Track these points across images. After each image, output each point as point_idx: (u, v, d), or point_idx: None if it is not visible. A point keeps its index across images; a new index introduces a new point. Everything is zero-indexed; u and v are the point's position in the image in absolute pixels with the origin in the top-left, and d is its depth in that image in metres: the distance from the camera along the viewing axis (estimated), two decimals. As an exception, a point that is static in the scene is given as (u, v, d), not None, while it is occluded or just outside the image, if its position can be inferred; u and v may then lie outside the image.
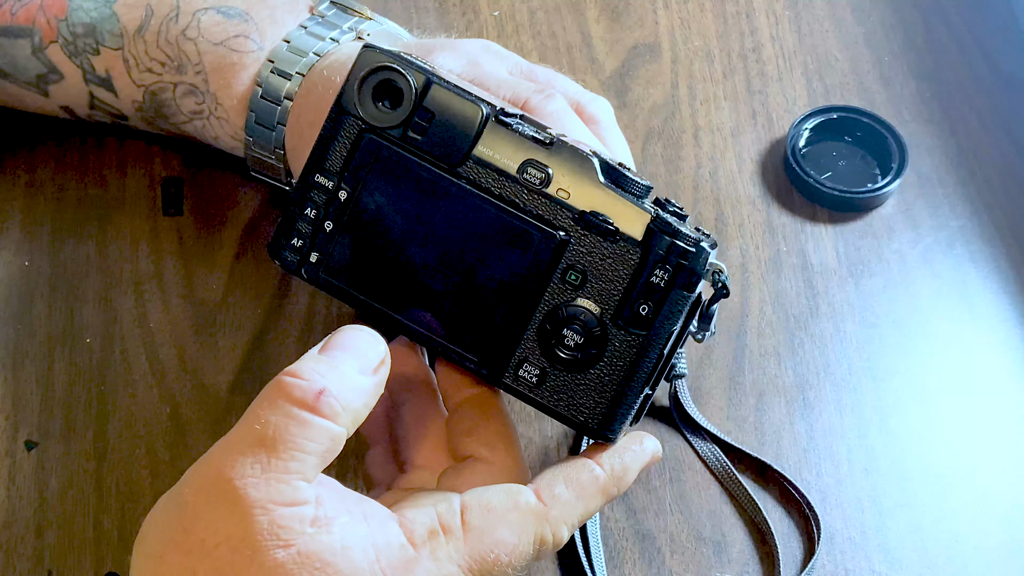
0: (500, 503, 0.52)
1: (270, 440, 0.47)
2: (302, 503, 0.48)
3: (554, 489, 0.53)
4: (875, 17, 0.82)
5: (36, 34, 0.67)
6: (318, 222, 0.55)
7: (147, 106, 0.68)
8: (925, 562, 0.63)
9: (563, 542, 0.53)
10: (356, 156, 0.55)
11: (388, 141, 0.54)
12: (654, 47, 0.80)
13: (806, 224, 0.73)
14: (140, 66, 0.67)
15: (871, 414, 0.67)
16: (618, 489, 0.54)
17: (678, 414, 0.66)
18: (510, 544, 0.51)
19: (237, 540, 0.46)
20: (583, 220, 0.53)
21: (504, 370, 0.55)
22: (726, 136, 0.76)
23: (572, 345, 0.54)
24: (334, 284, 0.56)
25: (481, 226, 0.54)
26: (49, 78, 0.68)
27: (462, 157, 0.54)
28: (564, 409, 0.54)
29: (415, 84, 0.54)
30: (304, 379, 0.48)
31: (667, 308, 0.53)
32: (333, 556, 0.47)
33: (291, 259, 0.56)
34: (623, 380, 0.54)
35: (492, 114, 0.54)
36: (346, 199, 0.55)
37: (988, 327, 0.70)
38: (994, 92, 0.79)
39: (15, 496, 0.63)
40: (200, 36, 0.66)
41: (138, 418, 0.65)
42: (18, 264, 0.70)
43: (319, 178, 0.55)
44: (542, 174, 0.54)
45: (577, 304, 0.54)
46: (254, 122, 0.65)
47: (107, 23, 0.67)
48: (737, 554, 0.63)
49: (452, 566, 0.49)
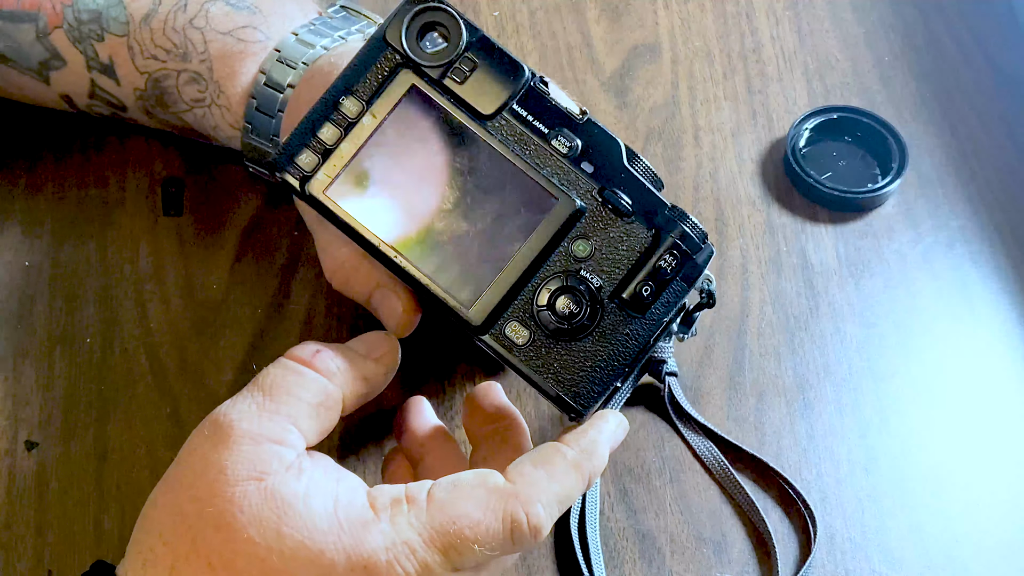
0: (467, 481, 0.52)
1: (267, 386, 0.53)
2: (287, 445, 0.51)
3: (521, 469, 0.53)
4: (875, 17, 0.82)
5: (41, 19, 0.68)
6: (335, 143, 0.56)
7: (148, 94, 0.68)
8: (925, 562, 0.63)
9: (541, 524, 0.52)
10: (388, 87, 0.55)
11: (426, 79, 0.55)
12: (654, 47, 0.80)
13: (806, 224, 0.73)
14: (144, 53, 0.67)
15: (871, 414, 0.67)
16: (591, 465, 0.54)
17: (675, 411, 0.66)
18: (474, 518, 0.51)
19: (218, 469, 0.50)
20: (602, 195, 0.55)
21: (491, 326, 0.55)
22: (726, 136, 0.76)
23: (566, 313, 0.54)
24: (337, 207, 0.56)
25: (501, 180, 0.55)
26: (51, 64, 0.69)
27: (496, 111, 0.55)
28: (541, 376, 0.55)
29: (466, 32, 0.55)
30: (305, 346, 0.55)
31: (667, 295, 0.54)
32: (294, 498, 0.50)
33: (296, 175, 0.56)
34: (607, 358, 0.54)
35: (532, 78, 0.56)
36: (369, 125, 0.55)
37: (988, 327, 0.70)
38: (994, 92, 0.79)
39: (15, 496, 0.63)
40: (207, 25, 0.67)
41: (138, 418, 0.65)
42: (18, 264, 0.70)
43: (345, 100, 0.56)
44: (571, 144, 0.55)
45: (580, 274, 0.55)
46: (255, 109, 0.65)
47: (113, 10, 0.67)
48: (737, 554, 0.63)
49: (411, 532, 0.50)
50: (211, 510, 0.50)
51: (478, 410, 0.59)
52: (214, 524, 0.50)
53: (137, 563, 0.51)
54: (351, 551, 0.49)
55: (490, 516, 0.51)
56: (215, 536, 0.49)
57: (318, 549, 0.49)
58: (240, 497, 0.50)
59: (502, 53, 0.56)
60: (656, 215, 0.55)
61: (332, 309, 0.69)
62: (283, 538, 0.49)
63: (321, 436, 0.54)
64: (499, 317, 0.55)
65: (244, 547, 0.49)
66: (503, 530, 0.51)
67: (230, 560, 0.49)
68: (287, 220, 0.71)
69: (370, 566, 0.49)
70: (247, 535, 0.49)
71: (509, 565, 0.58)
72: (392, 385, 0.67)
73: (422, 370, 0.67)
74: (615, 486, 0.64)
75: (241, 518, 0.49)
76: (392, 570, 0.49)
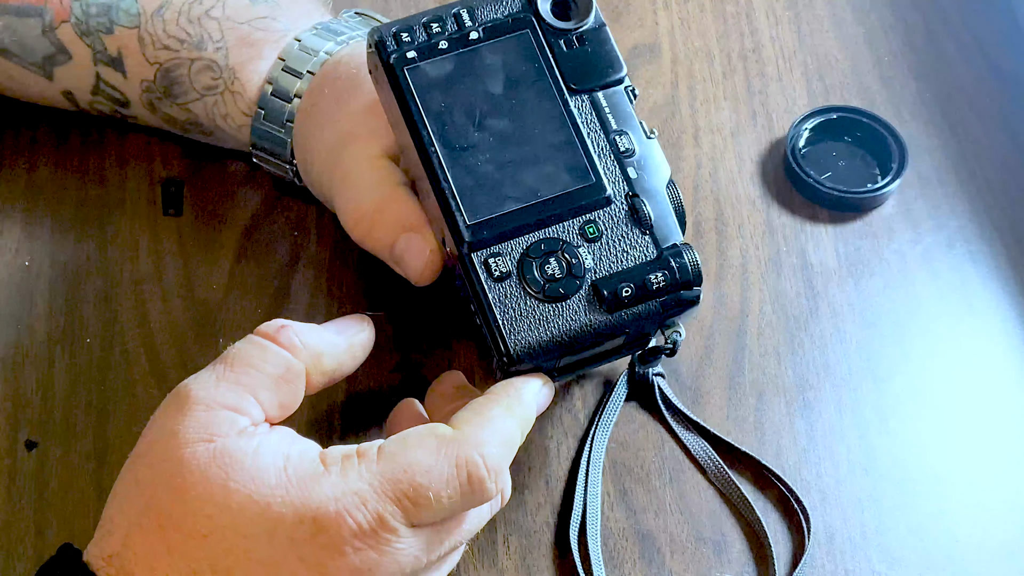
0: (416, 432, 0.52)
1: (230, 358, 0.54)
2: (243, 413, 0.52)
3: (464, 416, 0.53)
4: (875, 17, 0.82)
5: (48, 13, 0.68)
6: (437, 38, 0.59)
7: (156, 85, 0.68)
8: (925, 562, 0.63)
9: (497, 467, 0.52)
10: (506, 20, 0.59)
11: (540, 31, 0.60)
12: (654, 47, 0.80)
13: (806, 224, 0.73)
14: (156, 43, 0.67)
15: (871, 414, 0.67)
16: (523, 411, 0.55)
17: (669, 410, 0.66)
18: (425, 464, 0.51)
19: (170, 434, 0.51)
20: (632, 201, 0.58)
21: (480, 248, 0.57)
22: (726, 136, 0.76)
23: (549, 274, 0.56)
24: (408, 87, 0.58)
25: (558, 139, 0.58)
26: (56, 59, 0.69)
27: (582, 90, 0.59)
28: (497, 312, 0.56)
29: (594, 14, 0.60)
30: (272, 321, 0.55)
31: (641, 308, 0.57)
32: (243, 456, 0.50)
33: (392, 46, 0.59)
34: (556, 334, 0.56)
35: (626, 82, 0.60)
36: (472, 41, 0.59)
37: (988, 327, 0.70)
38: (994, 92, 0.79)
39: (15, 496, 0.63)
40: (225, 16, 0.67)
41: (138, 418, 0.65)
42: (18, 264, 0.70)
43: (463, 12, 0.60)
44: (629, 147, 0.59)
45: (578, 250, 0.57)
46: (270, 94, 0.66)
47: (124, 2, 0.67)
48: (737, 554, 0.63)
49: (361, 483, 0.50)
50: (161, 472, 0.50)
51: (440, 394, 0.60)
52: (164, 485, 0.50)
53: (97, 537, 0.51)
54: (299, 504, 0.49)
55: (442, 462, 0.51)
56: (165, 497, 0.50)
57: (265, 503, 0.49)
58: (189, 457, 0.50)
59: (612, 48, 0.60)
60: (667, 242, 0.58)
61: (333, 309, 0.69)
62: (230, 493, 0.49)
63: (284, 412, 0.54)
64: (490, 245, 0.57)
65: (192, 505, 0.49)
66: (458, 475, 0.51)
67: (180, 520, 0.49)
68: (287, 220, 0.71)
69: (319, 518, 0.49)
70: (195, 493, 0.49)
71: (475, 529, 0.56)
72: (392, 385, 0.67)
73: (422, 368, 0.67)
74: (615, 486, 0.64)
75: (189, 478, 0.50)
76: (342, 520, 0.49)
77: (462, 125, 0.58)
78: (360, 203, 0.61)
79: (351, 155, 0.63)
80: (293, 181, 0.69)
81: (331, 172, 0.63)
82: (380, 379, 0.66)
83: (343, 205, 0.63)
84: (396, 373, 0.67)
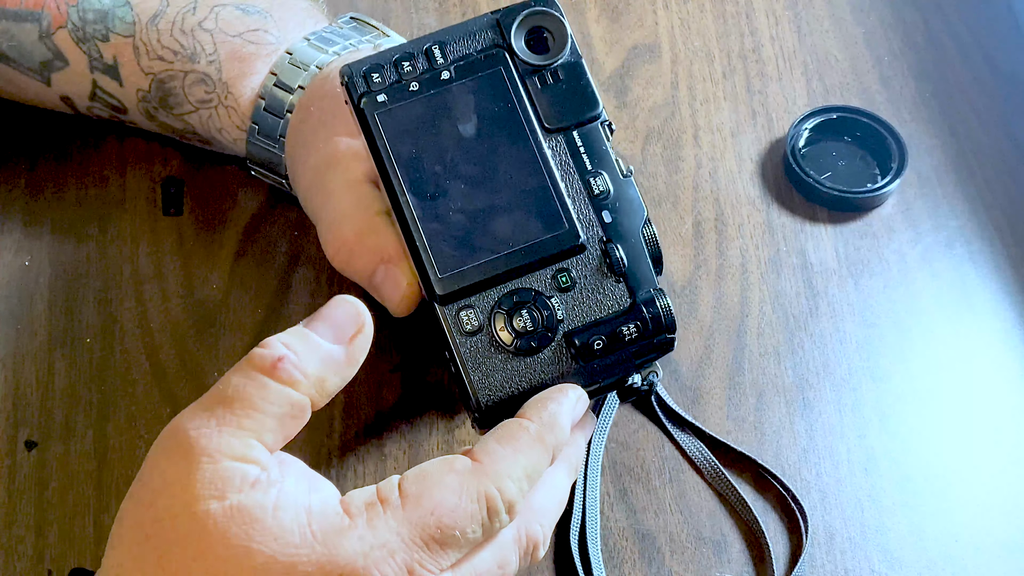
0: (435, 469, 0.51)
1: (228, 398, 0.50)
2: (251, 461, 0.49)
3: (486, 447, 0.53)
4: (875, 17, 0.82)
5: (45, 19, 0.68)
6: (408, 78, 0.58)
7: (152, 95, 0.68)
8: (925, 562, 0.63)
9: (514, 499, 0.51)
10: (479, 57, 0.58)
11: (514, 67, 0.58)
12: (654, 47, 0.80)
13: (806, 224, 0.73)
14: (151, 54, 0.67)
15: (871, 414, 0.67)
16: (554, 438, 0.54)
17: (664, 412, 0.66)
18: (450, 504, 0.50)
19: (179, 487, 0.48)
20: (605, 246, 0.57)
21: (452, 300, 0.56)
22: (726, 136, 0.76)
23: (520, 328, 0.56)
24: (379, 132, 0.57)
25: (528, 184, 0.57)
26: (53, 65, 0.68)
27: (557, 129, 0.58)
28: (469, 368, 0.55)
29: (569, 49, 0.58)
30: (268, 349, 0.51)
31: (613, 358, 0.56)
32: (263, 513, 0.48)
33: (362, 87, 0.58)
34: (530, 388, 0.56)
35: (603, 119, 0.59)
36: (444, 80, 0.58)
37: (988, 327, 0.70)
38: (994, 92, 0.79)
39: (15, 496, 0.63)
40: (218, 28, 0.67)
41: (138, 418, 0.65)
42: (18, 264, 0.70)
43: (435, 48, 0.58)
44: (604, 189, 0.57)
45: (550, 301, 0.56)
46: (263, 109, 0.65)
47: (120, 10, 0.67)
48: (737, 554, 0.63)
49: (390, 534, 0.49)
50: (173, 530, 0.48)
51: None
52: (179, 544, 0.48)
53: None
54: (326, 562, 0.48)
55: (465, 499, 0.50)
56: (179, 555, 0.48)
57: (291, 563, 0.48)
58: (204, 516, 0.48)
59: (588, 84, 0.59)
60: (641, 289, 0.57)
61: (332, 309, 0.69)
62: (253, 555, 0.48)
63: (287, 441, 0.53)
64: (461, 298, 0.56)
65: (213, 566, 0.48)
66: (478, 509, 0.50)
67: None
68: (287, 220, 0.71)
69: (347, 574, 0.48)
70: (215, 554, 0.48)
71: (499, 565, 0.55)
72: (392, 386, 0.67)
73: (421, 370, 0.67)
74: (615, 486, 0.64)
75: (207, 539, 0.48)
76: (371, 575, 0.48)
77: (433, 172, 0.57)
78: (339, 233, 0.61)
79: (333, 179, 0.62)
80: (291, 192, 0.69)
81: (315, 194, 0.63)
82: (380, 379, 0.66)
83: (323, 234, 0.62)
84: (396, 373, 0.67)
